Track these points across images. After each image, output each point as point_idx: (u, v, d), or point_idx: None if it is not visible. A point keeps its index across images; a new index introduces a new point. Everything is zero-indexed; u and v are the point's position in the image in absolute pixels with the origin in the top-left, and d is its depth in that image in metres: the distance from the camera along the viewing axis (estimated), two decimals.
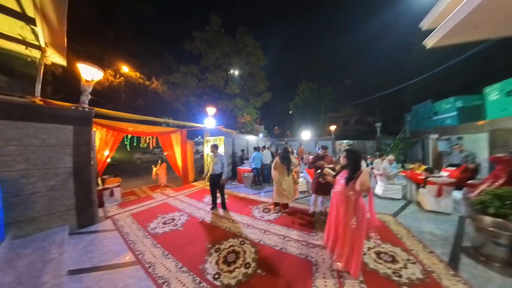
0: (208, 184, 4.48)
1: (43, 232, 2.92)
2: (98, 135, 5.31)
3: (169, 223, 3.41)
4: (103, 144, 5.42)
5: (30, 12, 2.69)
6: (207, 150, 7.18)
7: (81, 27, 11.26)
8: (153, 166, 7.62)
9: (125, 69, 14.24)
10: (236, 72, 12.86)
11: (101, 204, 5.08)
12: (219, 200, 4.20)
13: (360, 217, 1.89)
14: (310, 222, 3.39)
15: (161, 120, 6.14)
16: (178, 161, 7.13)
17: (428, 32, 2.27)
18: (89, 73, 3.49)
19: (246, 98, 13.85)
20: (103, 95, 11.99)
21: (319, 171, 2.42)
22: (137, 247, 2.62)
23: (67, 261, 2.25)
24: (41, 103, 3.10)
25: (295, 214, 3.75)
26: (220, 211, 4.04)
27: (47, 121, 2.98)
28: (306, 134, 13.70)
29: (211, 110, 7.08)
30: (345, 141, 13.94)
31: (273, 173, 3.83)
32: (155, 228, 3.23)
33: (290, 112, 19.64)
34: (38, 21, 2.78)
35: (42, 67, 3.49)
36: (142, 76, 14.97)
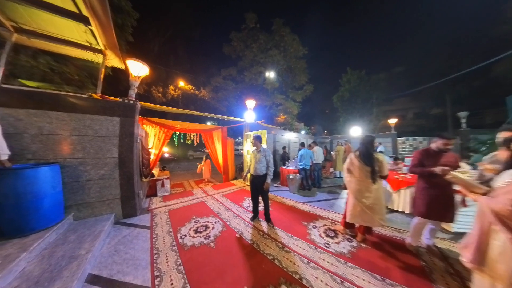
0: (248, 184, 3.65)
1: (96, 217, 2.88)
2: (153, 131, 5.58)
3: (201, 232, 2.70)
4: (157, 141, 5.66)
5: (84, 10, 2.67)
6: (247, 147, 6.49)
7: (154, 59, 14.59)
8: (198, 163, 7.76)
9: (181, 83, 16.46)
10: (274, 66, 11.93)
11: (155, 193, 5.27)
12: (261, 207, 3.18)
13: None
14: (417, 268, 1.87)
15: (199, 113, 5.87)
16: (219, 158, 6.90)
17: None
18: (137, 69, 3.42)
19: (286, 93, 12.72)
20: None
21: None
22: (159, 262, 2.01)
23: (95, 259, 1.98)
24: (99, 97, 3.14)
25: (383, 247, 2.26)
26: (263, 224, 2.98)
27: (99, 113, 2.97)
28: (355, 130, 11.23)
29: (250, 103, 6.37)
30: (409, 138, 10.56)
31: (347, 178, 2.43)
32: (185, 236, 2.58)
33: (328, 111, 17.18)
34: (90, 19, 2.75)
35: (103, 69, 3.66)
36: (193, 88, 16.79)
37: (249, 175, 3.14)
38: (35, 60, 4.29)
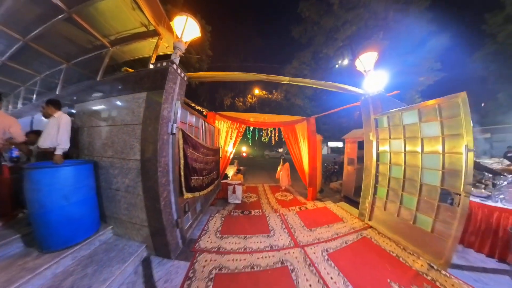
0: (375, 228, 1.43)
1: (128, 241, 1.75)
2: (224, 128, 4.45)
3: None
4: (228, 139, 4.48)
5: None
6: (392, 145, 2.44)
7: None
8: (279, 166, 5.81)
9: (256, 91, 16.86)
10: (377, 17, 6.79)
11: (226, 198, 4.08)
12: None
13: None
14: None
15: (285, 78, 2.76)
16: (304, 163, 4.37)
17: None
18: (180, 27, 2.05)
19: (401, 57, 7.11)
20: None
21: None
22: None
23: None
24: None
25: None
26: None
27: (129, 91, 1.84)
28: None
29: (369, 58, 2.64)
30: None
31: None
32: None
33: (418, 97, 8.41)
34: None
35: (157, 50, 2.73)
36: (266, 92, 16.73)
37: None
38: None
